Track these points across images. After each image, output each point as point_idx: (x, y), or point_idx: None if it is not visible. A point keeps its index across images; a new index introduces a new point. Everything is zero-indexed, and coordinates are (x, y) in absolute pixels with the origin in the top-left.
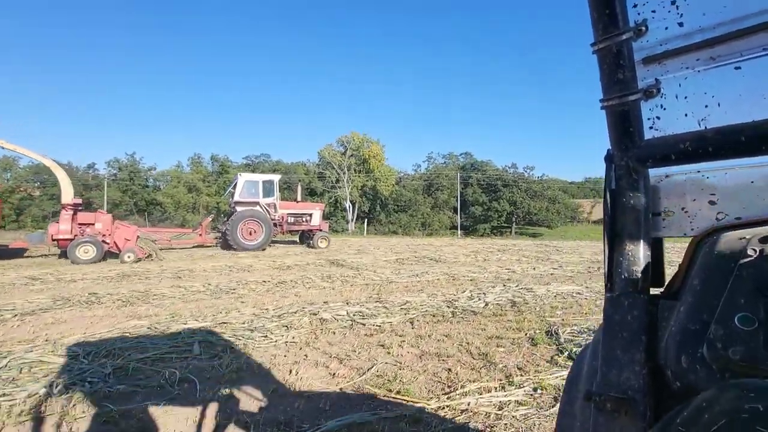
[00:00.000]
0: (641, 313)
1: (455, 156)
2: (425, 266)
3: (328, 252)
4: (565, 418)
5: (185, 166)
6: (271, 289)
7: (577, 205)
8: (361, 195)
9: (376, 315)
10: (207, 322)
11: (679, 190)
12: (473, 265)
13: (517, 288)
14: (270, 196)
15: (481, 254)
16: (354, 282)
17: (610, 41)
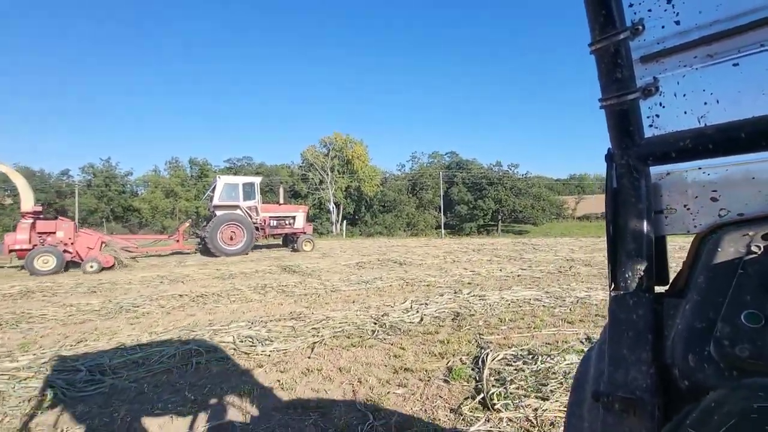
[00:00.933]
0: (646, 311)
1: (440, 155)
2: (385, 270)
3: (288, 257)
4: (573, 419)
5: (162, 170)
6: (184, 305)
7: (561, 201)
8: (345, 196)
9: (274, 339)
10: (28, 358)
11: (680, 188)
12: (438, 267)
13: (469, 295)
14: (251, 199)
15: (453, 255)
16: (291, 293)
17: (607, 41)
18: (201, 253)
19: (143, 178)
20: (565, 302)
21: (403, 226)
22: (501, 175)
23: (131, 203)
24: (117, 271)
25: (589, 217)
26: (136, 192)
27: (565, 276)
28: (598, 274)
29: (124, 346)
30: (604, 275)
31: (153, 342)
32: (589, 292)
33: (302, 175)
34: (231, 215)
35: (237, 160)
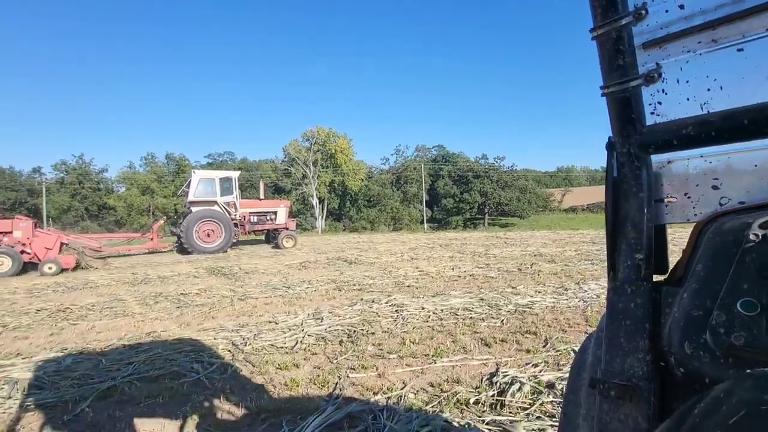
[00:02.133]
0: (645, 300)
1: (427, 149)
2: (327, 271)
3: (225, 258)
4: (569, 406)
5: (138, 166)
6: (33, 324)
7: (548, 194)
8: (329, 191)
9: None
10: None
11: (681, 176)
12: (389, 266)
13: (387, 304)
14: (229, 194)
15: (417, 251)
16: (185, 302)
17: (609, 26)
18: (178, 252)
19: (121, 174)
20: (500, 312)
21: (388, 221)
22: (487, 168)
23: (106, 201)
24: (79, 273)
25: (575, 209)
26: (112, 189)
27: (522, 275)
28: (560, 272)
29: None
30: (565, 273)
31: None
32: (536, 297)
33: (284, 170)
34: (207, 211)
35: (218, 155)
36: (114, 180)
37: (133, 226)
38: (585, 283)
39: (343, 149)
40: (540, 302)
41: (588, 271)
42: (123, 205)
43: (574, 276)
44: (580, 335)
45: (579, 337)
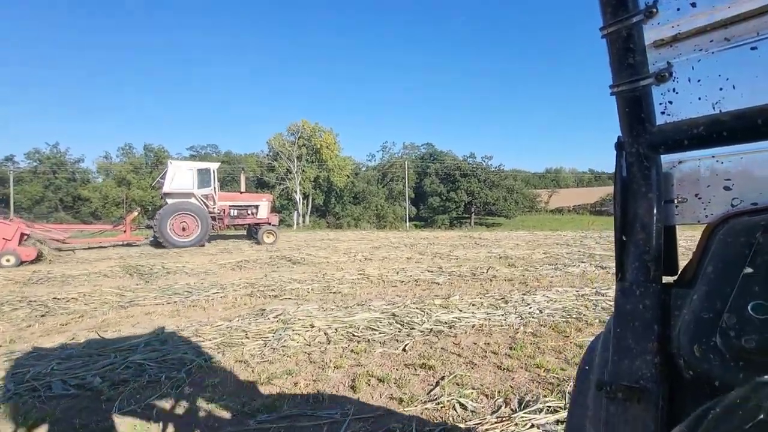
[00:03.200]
0: (653, 302)
1: (416, 146)
2: (260, 271)
3: (172, 254)
4: (576, 408)
5: (114, 156)
6: None
7: (535, 195)
8: (314, 187)
9: None
10: None
11: (692, 177)
12: (334, 267)
13: (276, 319)
14: (206, 186)
15: (379, 250)
16: (47, 311)
17: (619, 25)
18: (153, 245)
19: (96, 165)
20: (410, 333)
21: (372, 218)
22: (474, 167)
23: (80, 192)
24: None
25: (561, 210)
26: (88, 180)
27: (473, 281)
28: (516, 278)
29: None
30: (520, 280)
31: None
32: (467, 311)
33: (268, 164)
34: (183, 204)
35: (201, 147)
36: (88, 171)
37: (110, 218)
38: (533, 293)
39: (329, 144)
40: (468, 318)
41: (546, 278)
42: (98, 197)
43: (529, 283)
44: (495, 372)
45: (489, 375)
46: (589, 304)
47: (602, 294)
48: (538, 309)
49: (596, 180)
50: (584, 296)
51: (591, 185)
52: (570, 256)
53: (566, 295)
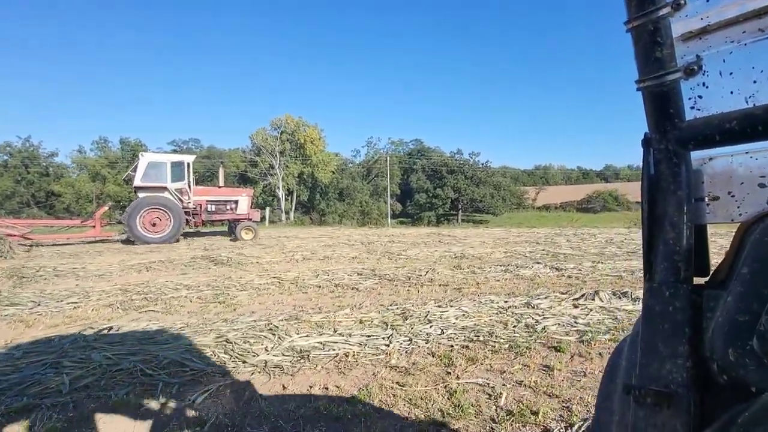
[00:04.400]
0: (684, 303)
1: (404, 142)
2: (162, 275)
3: (89, 253)
4: (602, 412)
5: (89, 150)
6: None
7: (522, 192)
8: (298, 183)
9: None
10: None
11: (725, 174)
12: (257, 268)
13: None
14: (180, 180)
15: (327, 249)
16: None
17: (645, 18)
18: (124, 242)
19: (70, 159)
20: (238, 369)
21: (356, 215)
22: (461, 164)
23: (52, 188)
24: None
25: (548, 207)
26: (62, 175)
27: (402, 286)
28: (454, 282)
29: None
30: (456, 285)
31: None
32: (332, 338)
33: (250, 160)
34: (155, 198)
35: (182, 142)
36: (63, 166)
37: (84, 214)
38: (453, 304)
39: (314, 139)
40: (337, 344)
41: (488, 282)
42: (71, 192)
43: (464, 289)
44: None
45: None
46: (511, 320)
47: (533, 306)
48: (440, 328)
49: (584, 177)
50: (511, 308)
51: (579, 182)
52: (532, 255)
53: (490, 306)
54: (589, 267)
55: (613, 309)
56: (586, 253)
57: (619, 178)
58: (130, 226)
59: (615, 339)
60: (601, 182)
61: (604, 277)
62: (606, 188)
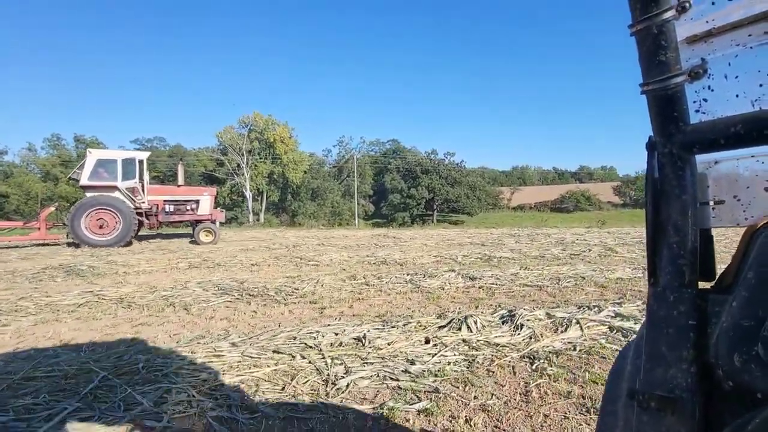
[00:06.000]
0: (689, 308)
1: (382, 143)
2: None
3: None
4: (606, 417)
5: (40, 148)
6: None
7: (497, 192)
8: (268, 183)
9: None
10: None
11: (730, 177)
12: (111, 279)
13: None
14: (131, 178)
15: (244, 253)
16: None
17: (650, 21)
18: (69, 245)
19: (19, 157)
20: None
21: (328, 216)
22: (436, 164)
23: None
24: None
25: (523, 208)
26: (10, 174)
27: (258, 306)
28: (333, 300)
29: None
30: (325, 302)
31: None
32: None
33: (217, 159)
34: (102, 198)
35: (146, 140)
36: (13, 165)
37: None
38: (259, 337)
39: (284, 138)
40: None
41: (367, 300)
42: (20, 193)
43: (328, 310)
44: None
45: None
46: (306, 370)
47: (367, 341)
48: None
49: (560, 178)
50: (335, 346)
51: (554, 183)
52: (463, 260)
53: (306, 342)
54: (512, 275)
55: (482, 343)
56: (526, 257)
57: (593, 178)
58: (74, 228)
59: (429, 412)
60: (575, 183)
61: (520, 288)
62: (579, 188)
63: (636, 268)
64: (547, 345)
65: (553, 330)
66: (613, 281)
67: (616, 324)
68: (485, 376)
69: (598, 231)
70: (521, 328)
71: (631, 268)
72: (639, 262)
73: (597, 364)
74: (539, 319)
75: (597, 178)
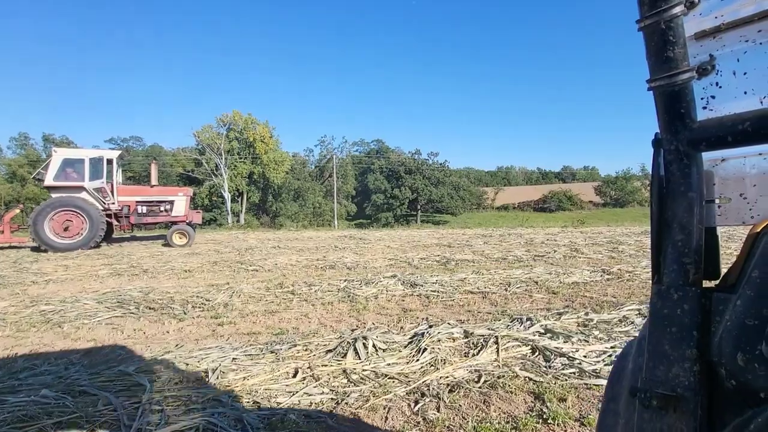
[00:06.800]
0: (693, 306)
1: (366, 143)
2: None
3: None
4: (607, 415)
5: (6, 148)
6: None
7: (481, 192)
8: (249, 183)
9: None
10: None
11: (737, 175)
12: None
13: None
14: (98, 178)
15: (188, 257)
16: None
17: (658, 17)
18: (33, 250)
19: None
20: None
21: (309, 217)
22: (420, 164)
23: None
24: None
25: (507, 207)
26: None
27: (145, 320)
28: (236, 312)
29: None
30: (224, 318)
31: None
32: None
33: (195, 159)
34: (68, 199)
35: (122, 140)
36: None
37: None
38: None
39: (264, 138)
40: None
41: (277, 314)
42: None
43: (222, 329)
44: None
45: None
46: None
47: (215, 380)
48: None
49: (543, 178)
50: (126, 394)
51: (538, 183)
52: (418, 264)
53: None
54: (459, 280)
55: (367, 373)
56: (487, 259)
57: (575, 179)
58: (36, 231)
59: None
60: (559, 183)
61: (463, 296)
62: (561, 188)
63: (594, 271)
64: (447, 375)
65: (463, 354)
66: (567, 286)
67: (542, 344)
68: (343, 423)
69: (572, 231)
70: (423, 353)
71: (590, 271)
72: (600, 264)
73: (496, 404)
74: (453, 339)
75: (580, 178)
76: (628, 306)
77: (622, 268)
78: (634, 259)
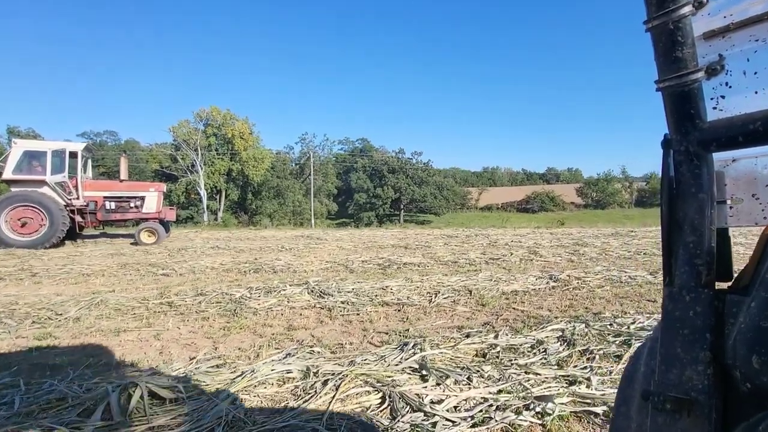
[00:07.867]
0: (705, 308)
1: (351, 141)
2: None
3: None
4: (620, 419)
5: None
6: None
7: (465, 192)
8: (227, 181)
9: None
10: None
11: (748, 176)
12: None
13: None
14: (60, 172)
15: (141, 259)
16: None
17: (666, 17)
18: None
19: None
20: None
21: (289, 215)
22: (403, 163)
23: None
24: None
25: (491, 208)
26: None
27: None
28: (56, 324)
29: None
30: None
31: None
32: None
33: (170, 155)
34: (26, 194)
35: (95, 134)
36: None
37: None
38: None
39: (243, 134)
40: None
41: (114, 338)
42: None
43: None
44: None
45: None
46: None
47: None
48: None
49: (528, 179)
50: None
51: (523, 184)
52: (357, 267)
53: None
54: (380, 289)
55: None
56: (436, 262)
57: (559, 180)
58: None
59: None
60: (542, 184)
61: (374, 309)
62: (545, 189)
63: (541, 278)
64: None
65: (281, 402)
66: (502, 296)
67: (402, 388)
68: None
69: (543, 231)
70: (226, 406)
71: (536, 278)
72: (555, 268)
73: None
74: (283, 381)
75: (563, 179)
76: (554, 324)
77: (572, 274)
78: (593, 263)
